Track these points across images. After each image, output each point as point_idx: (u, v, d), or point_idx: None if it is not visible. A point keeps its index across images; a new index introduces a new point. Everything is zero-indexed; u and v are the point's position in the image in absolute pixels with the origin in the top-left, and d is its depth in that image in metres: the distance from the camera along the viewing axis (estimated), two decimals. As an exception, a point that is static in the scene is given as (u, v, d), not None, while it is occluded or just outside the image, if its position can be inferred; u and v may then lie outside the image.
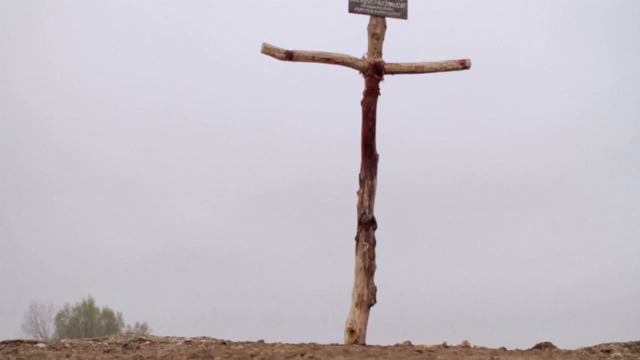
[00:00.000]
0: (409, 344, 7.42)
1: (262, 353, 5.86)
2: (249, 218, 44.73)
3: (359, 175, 8.19)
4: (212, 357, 5.77)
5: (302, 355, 5.73)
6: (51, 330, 37.66)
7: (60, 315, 38.25)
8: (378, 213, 8.15)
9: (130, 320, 38.34)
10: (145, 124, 52.11)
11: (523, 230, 40.94)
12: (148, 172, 48.30)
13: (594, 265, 35.42)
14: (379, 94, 8.32)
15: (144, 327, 36.22)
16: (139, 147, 48.71)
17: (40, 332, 36.98)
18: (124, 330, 36.14)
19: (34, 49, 50.08)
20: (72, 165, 48.13)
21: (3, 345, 7.73)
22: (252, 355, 5.71)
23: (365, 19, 8.51)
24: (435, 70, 8.52)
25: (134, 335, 9.48)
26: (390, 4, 8.47)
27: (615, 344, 8.43)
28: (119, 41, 51.57)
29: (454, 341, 7.34)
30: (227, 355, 5.80)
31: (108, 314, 38.60)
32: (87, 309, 38.29)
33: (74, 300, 38.42)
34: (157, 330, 31.16)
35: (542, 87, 45.43)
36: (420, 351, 6.30)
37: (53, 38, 52.52)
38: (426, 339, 7.35)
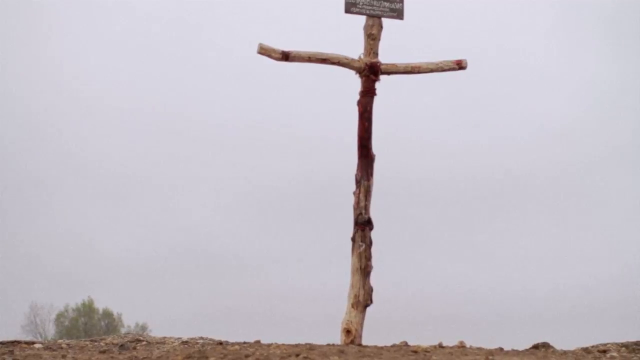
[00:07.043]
0: (406, 344, 7.41)
1: (257, 353, 5.85)
2: (246, 218, 44.77)
3: (355, 175, 8.18)
4: (207, 357, 5.76)
5: (297, 355, 5.72)
6: (51, 330, 37.63)
7: (60, 316, 38.19)
8: (374, 213, 8.15)
9: (130, 320, 38.35)
10: (145, 123, 52.21)
11: (521, 230, 40.94)
12: (147, 172, 48.31)
13: (594, 265, 35.41)
14: (375, 94, 8.32)
15: (143, 328, 36.18)
16: (138, 147, 48.76)
17: (40, 333, 36.93)
18: (123, 330, 36.11)
19: (33, 48, 50.14)
20: (72, 164, 48.15)
21: (0, 346, 7.73)
22: (246, 356, 5.70)
23: (362, 19, 8.50)
24: (432, 71, 8.51)
25: (131, 336, 9.48)
26: (387, 4, 8.46)
27: (613, 344, 8.43)
28: (119, 41, 51.58)
29: (453, 342, 7.34)
30: (222, 355, 5.79)
31: (108, 314, 38.56)
32: (87, 309, 38.23)
33: (74, 300, 38.44)
34: (157, 331, 31.21)
35: (542, 87, 45.44)
36: (415, 351, 6.29)
37: (53, 37, 52.51)
38: (424, 340, 7.34)
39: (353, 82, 8.36)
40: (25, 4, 48.31)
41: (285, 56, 8.17)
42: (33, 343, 8.20)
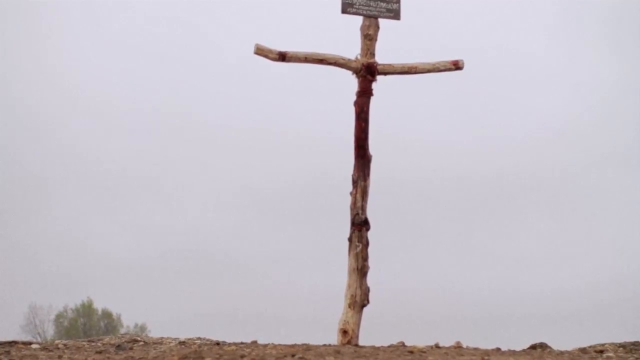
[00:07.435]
0: (403, 344, 7.41)
1: (253, 354, 5.85)
2: (244, 218, 44.81)
3: (352, 176, 8.18)
4: (203, 357, 5.76)
5: (293, 356, 5.72)
6: (50, 331, 37.61)
7: (59, 316, 38.16)
8: (371, 214, 8.15)
9: (129, 321, 38.35)
10: (145, 124, 52.22)
11: (520, 230, 40.96)
12: (147, 173, 48.38)
13: (593, 265, 35.41)
14: (372, 94, 8.32)
15: (142, 328, 36.18)
16: (138, 147, 48.80)
17: (39, 333, 36.90)
18: (123, 331, 36.11)
19: (33, 48, 50.19)
20: (71, 164, 48.22)
21: (-3, 346, 7.73)
22: (242, 356, 5.70)
23: (358, 19, 8.50)
24: (428, 71, 8.51)
25: (128, 336, 9.48)
26: (383, 4, 8.46)
27: (611, 344, 8.43)
28: (119, 41, 51.65)
29: (450, 342, 7.33)
30: (217, 356, 5.79)
31: (107, 314, 38.55)
32: (86, 309, 38.20)
33: (73, 301, 38.42)
34: (156, 331, 31.21)
35: (542, 86, 45.47)
36: (411, 352, 6.29)
37: (53, 37, 52.60)
38: (421, 340, 7.34)
39: (350, 83, 8.37)
40: (25, 4, 48.35)
41: (282, 57, 8.17)
42: (30, 343, 8.20)
